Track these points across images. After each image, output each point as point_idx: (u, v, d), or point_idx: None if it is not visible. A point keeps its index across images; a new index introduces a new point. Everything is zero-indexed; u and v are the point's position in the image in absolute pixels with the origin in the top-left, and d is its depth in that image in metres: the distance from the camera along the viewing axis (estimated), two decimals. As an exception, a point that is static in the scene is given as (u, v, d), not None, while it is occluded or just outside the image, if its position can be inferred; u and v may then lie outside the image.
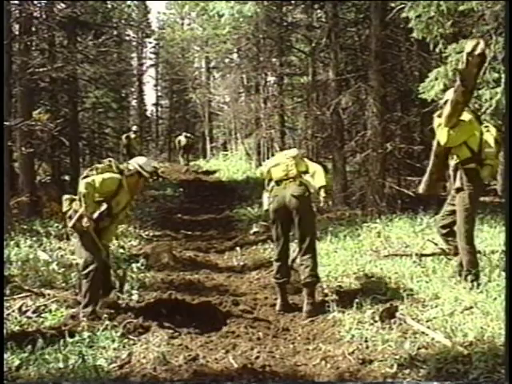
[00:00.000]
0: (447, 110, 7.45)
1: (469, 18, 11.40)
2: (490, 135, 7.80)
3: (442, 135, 7.61)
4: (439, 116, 7.79)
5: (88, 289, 7.17)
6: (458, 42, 10.58)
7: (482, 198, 18.13)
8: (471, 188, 7.64)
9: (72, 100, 21.97)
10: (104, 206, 7.34)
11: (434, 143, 8.01)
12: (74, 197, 7.44)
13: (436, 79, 10.89)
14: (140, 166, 7.67)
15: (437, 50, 11.26)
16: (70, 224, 7.30)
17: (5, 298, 7.55)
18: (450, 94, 7.65)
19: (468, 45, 6.88)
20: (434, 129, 7.95)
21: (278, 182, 7.89)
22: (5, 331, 6.50)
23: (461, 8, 10.37)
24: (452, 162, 7.84)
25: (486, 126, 7.98)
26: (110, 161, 7.65)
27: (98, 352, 5.95)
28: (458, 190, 7.71)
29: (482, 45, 6.82)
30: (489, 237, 10.52)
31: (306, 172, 7.99)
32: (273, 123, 26.98)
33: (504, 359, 4.91)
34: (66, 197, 7.59)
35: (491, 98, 10.16)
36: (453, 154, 7.80)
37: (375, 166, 15.16)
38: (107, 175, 7.38)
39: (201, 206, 19.76)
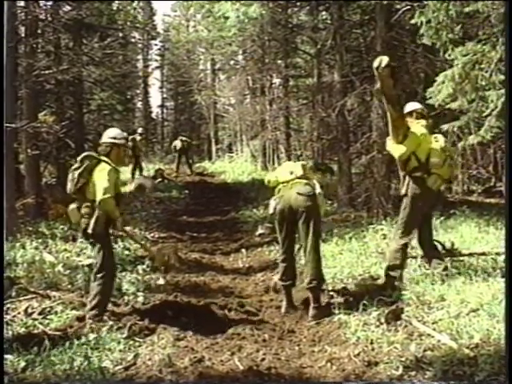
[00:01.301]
0: (390, 128, 8.10)
1: (474, 19, 11.38)
2: (438, 145, 8.21)
3: (394, 150, 8.15)
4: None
5: (98, 292, 7.13)
6: (465, 45, 10.56)
7: (487, 200, 18.20)
8: (415, 195, 8.12)
9: (77, 102, 22.01)
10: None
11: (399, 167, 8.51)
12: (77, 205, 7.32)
13: (443, 83, 10.86)
14: (113, 138, 7.47)
15: (443, 53, 11.24)
16: (90, 229, 7.06)
17: (11, 299, 7.57)
18: (410, 107, 8.49)
19: (375, 62, 7.48)
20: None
21: (285, 183, 7.89)
22: (11, 333, 6.53)
23: (466, 10, 10.35)
24: (401, 171, 8.36)
25: (436, 137, 8.39)
26: (87, 155, 7.33)
27: (104, 354, 5.96)
28: (403, 196, 8.29)
29: (386, 58, 7.50)
30: (494, 238, 10.49)
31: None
32: (278, 125, 27.02)
33: (505, 360, 4.90)
34: (72, 207, 7.25)
35: (497, 99, 10.14)
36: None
37: (381, 167, 15.15)
38: (104, 172, 7.13)
39: (206, 207, 19.76)
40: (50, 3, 19.21)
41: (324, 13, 22.63)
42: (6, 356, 5.72)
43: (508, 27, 6.89)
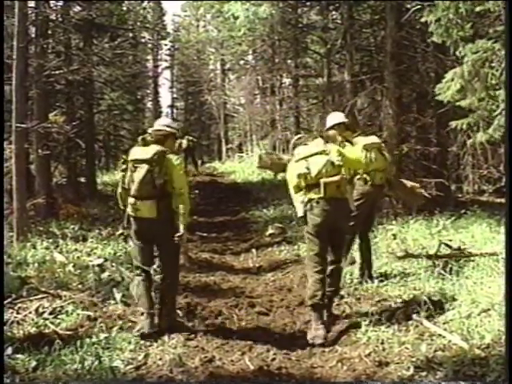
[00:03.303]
0: None
1: (485, 18, 11.34)
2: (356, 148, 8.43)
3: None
4: None
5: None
6: (475, 43, 10.52)
7: (498, 200, 18.10)
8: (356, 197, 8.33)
9: (88, 102, 22.06)
10: None
11: None
12: None
13: (452, 80, 10.83)
14: (167, 126, 7.12)
15: (453, 51, 11.21)
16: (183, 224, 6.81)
17: (22, 299, 7.59)
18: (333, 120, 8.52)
19: None
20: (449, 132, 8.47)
21: (326, 193, 6.91)
22: (22, 332, 6.54)
23: (477, 9, 10.31)
24: None
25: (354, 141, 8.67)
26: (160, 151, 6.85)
27: (115, 353, 5.97)
28: None
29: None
30: (506, 238, 10.45)
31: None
32: (288, 125, 27.06)
33: (506, 360, 4.89)
34: (149, 202, 6.74)
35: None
36: None
37: (390, 167, 15.09)
38: (178, 164, 6.84)
39: (216, 207, 19.75)
40: (60, 4, 19.29)
41: (334, 12, 22.61)
42: (17, 355, 5.74)
43: (508, 27, 6.86)
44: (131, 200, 6.76)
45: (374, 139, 8.86)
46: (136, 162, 6.77)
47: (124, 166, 6.90)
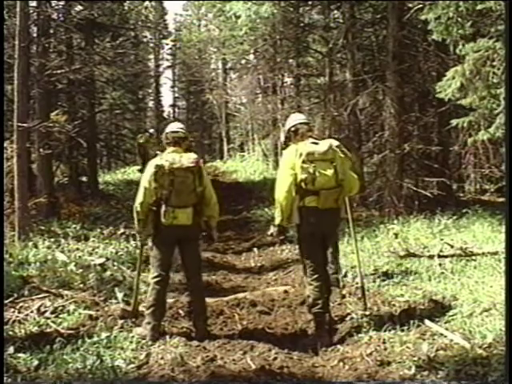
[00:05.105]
0: None
1: (487, 17, 11.33)
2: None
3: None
4: None
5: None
6: (476, 41, 10.52)
7: (500, 199, 18.10)
8: None
9: (89, 101, 22.08)
10: None
11: None
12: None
13: (453, 78, 10.83)
14: (184, 129, 7.37)
15: (453, 49, 11.21)
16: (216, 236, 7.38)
17: (23, 298, 7.60)
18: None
19: None
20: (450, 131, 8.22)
21: (324, 204, 6.66)
22: (23, 331, 6.55)
23: (478, 7, 10.30)
24: None
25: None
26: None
27: (116, 353, 5.96)
28: None
29: None
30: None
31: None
32: (289, 124, 26.90)
33: (505, 359, 4.89)
34: (187, 210, 6.78)
35: (509, 97, 10.09)
36: None
37: (393, 166, 15.09)
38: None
39: (218, 206, 19.71)
40: (62, 3, 19.31)
41: (336, 12, 22.56)
42: (18, 355, 5.75)
43: (508, 27, 6.86)
44: (168, 209, 6.67)
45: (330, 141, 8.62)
46: (177, 170, 6.75)
47: (159, 174, 6.71)
